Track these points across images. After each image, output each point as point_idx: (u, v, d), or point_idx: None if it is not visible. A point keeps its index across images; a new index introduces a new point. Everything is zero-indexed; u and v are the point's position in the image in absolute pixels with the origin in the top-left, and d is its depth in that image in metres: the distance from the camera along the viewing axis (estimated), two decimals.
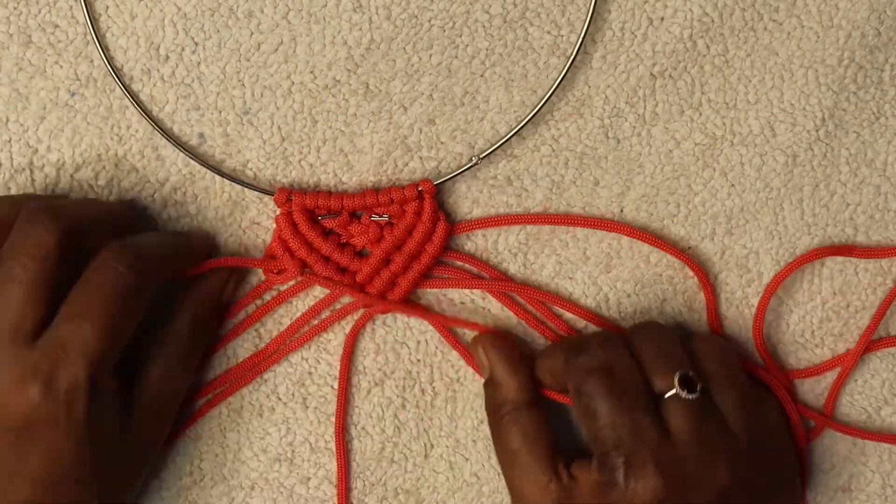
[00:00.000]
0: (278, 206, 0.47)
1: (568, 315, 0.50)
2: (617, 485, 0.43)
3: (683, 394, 0.44)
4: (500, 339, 0.48)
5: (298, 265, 0.47)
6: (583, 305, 0.50)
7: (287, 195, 0.47)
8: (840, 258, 0.51)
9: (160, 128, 0.47)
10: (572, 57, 0.47)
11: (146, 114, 0.46)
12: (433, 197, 0.47)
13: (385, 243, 0.47)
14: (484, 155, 0.48)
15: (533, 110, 0.48)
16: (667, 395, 0.44)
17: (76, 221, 0.41)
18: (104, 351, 0.40)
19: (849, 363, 0.51)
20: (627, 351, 0.46)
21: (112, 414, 0.41)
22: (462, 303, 0.50)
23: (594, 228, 0.49)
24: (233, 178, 0.47)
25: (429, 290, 0.50)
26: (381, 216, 0.48)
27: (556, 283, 0.50)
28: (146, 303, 0.42)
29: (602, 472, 0.44)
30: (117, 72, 0.46)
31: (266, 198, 0.48)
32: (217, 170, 0.47)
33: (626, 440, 0.43)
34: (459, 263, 0.49)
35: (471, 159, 0.48)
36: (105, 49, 0.46)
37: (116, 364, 0.41)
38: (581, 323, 0.50)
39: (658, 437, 0.43)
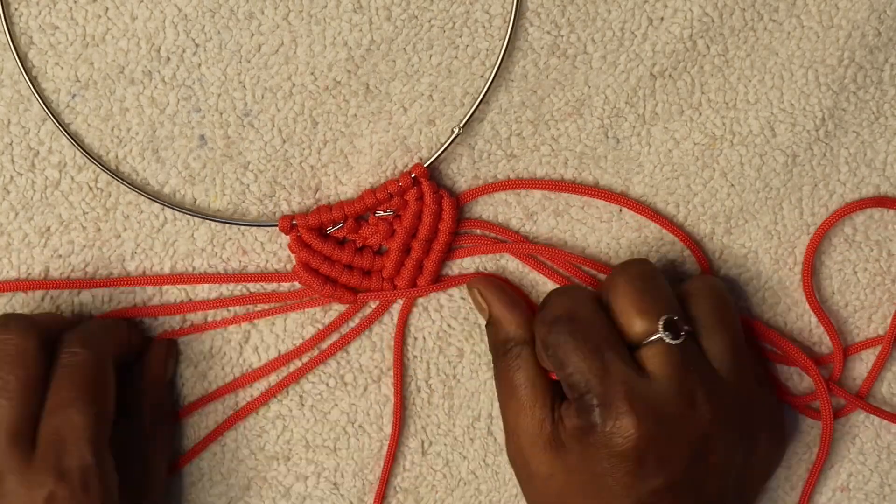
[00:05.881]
0: (285, 234, 0.48)
1: (595, 273, 0.50)
2: (595, 426, 0.43)
3: (667, 338, 0.43)
4: (494, 279, 0.49)
5: (324, 282, 0.48)
6: (608, 263, 0.50)
7: (290, 221, 0.47)
8: (841, 257, 0.51)
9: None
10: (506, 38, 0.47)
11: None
12: (429, 178, 0.48)
13: (399, 236, 0.48)
14: (463, 124, 0.48)
15: (493, 69, 0.48)
16: (650, 339, 0.44)
17: (46, 327, 0.44)
18: (96, 428, 0.42)
19: (886, 345, 0.50)
20: (592, 297, 0.45)
21: (116, 488, 0.43)
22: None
23: (602, 199, 0.49)
24: (232, 221, 0.48)
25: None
26: (385, 212, 0.48)
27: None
28: (112, 376, 0.44)
29: (580, 417, 0.43)
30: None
31: (266, 200, 0.48)
32: (208, 216, 0.48)
33: (596, 382, 0.43)
34: (479, 231, 0.50)
35: (452, 131, 0.48)
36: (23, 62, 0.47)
37: (109, 440, 0.43)
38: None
39: (630, 377, 0.43)
